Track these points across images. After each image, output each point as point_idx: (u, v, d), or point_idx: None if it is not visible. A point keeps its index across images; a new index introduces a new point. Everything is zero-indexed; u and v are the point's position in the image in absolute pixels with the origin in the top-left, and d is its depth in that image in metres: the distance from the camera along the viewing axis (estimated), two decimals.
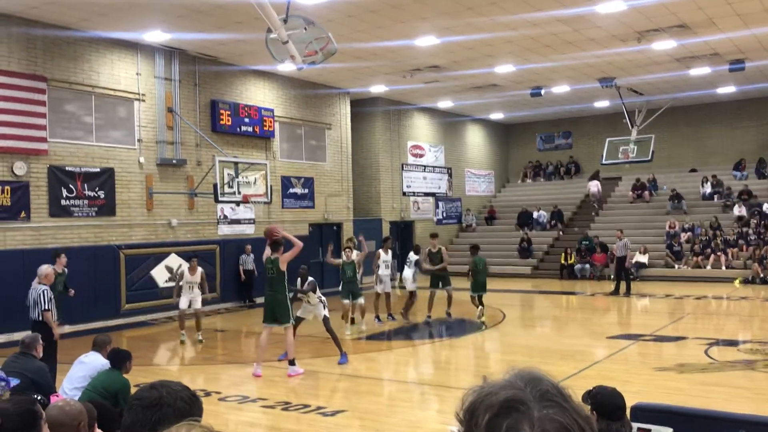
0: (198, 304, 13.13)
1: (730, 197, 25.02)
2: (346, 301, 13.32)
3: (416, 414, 8.36)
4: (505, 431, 1.05)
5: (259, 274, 18.19)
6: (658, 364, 10.20)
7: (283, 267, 9.98)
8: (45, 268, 9.50)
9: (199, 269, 13.08)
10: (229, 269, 18.48)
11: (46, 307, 9.11)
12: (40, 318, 9.14)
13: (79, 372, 6.65)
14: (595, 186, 27.37)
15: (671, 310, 16.66)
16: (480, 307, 14.51)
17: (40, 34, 14.56)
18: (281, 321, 10.08)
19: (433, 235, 15.45)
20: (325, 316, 10.99)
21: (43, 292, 9.17)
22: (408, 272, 15.26)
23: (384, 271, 14.53)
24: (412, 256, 15.49)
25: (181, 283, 13.20)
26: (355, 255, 13.49)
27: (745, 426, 4.79)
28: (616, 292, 18.92)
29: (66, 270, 12.63)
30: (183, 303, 13.00)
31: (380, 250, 14.74)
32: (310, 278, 11.27)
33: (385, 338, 13.57)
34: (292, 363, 10.16)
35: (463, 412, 1.12)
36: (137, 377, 7.75)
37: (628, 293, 18.74)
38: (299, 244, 10.10)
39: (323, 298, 11.21)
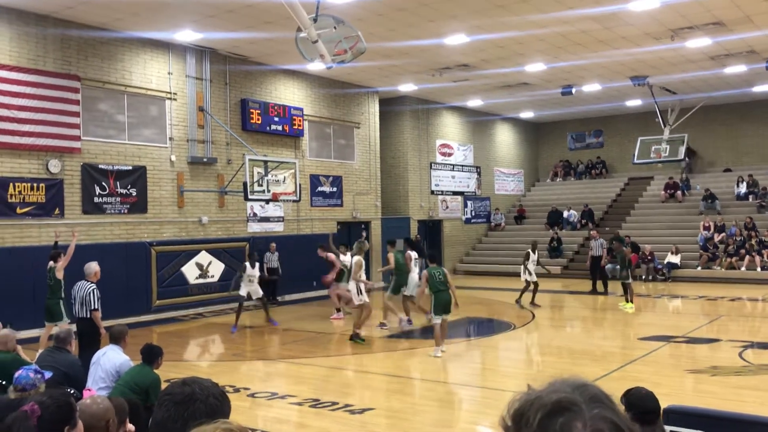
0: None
1: (766, 197, 24.54)
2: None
3: (444, 413, 8.34)
4: (558, 429, 1.07)
5: (284, 272, 18.28)
6: (690, 367, 10.05)
7: None
8: (93, 266, 9.55)
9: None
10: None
11: (95, 307, 9.19)
12: (88, 315, 9.23)
13: (99, 372, 6.73)
14: None
15: (705, 311, 16.40)
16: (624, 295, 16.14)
17: (75, 35, 14.80)
18: None
19: None
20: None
21: (92, 291, 9.24)
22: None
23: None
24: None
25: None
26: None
27: None
28: (593, 291, 19.25)
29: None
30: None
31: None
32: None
33: (413, 337, 13.56)
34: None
35: (510, 417, 1.14)
36: (167, 372, 7.84)
37: (605, 292, 19.03)
38: None
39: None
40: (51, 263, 11.06)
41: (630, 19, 15.48)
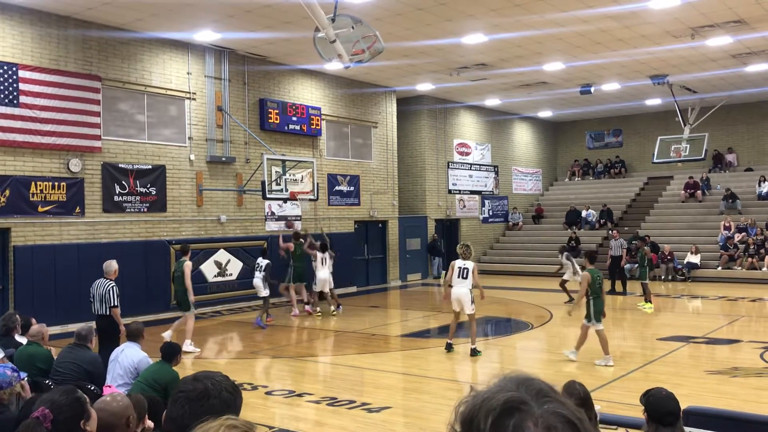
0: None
1: None
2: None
3: None
4: (512, 431, 1.05)
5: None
6: (710, 368, 9.95)
7: None
8: (112, 264, 9.73)
9: None
10: (276, 265, 18.62)
11: (115, 304, 9.35)
12: (108, 312, 9.36)
13: (118, 369, 6.80)
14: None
15: (725, 312, 16.24)
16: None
17: (96, 35, 14.95)
18: None
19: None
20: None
21: (112, 288, 9.39)
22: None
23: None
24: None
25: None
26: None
27: None
28: (612, 290, 19.07)
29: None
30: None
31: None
32: None
33: (430, 336, 13.55)
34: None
35: (459, 423, 1.12)
36: (186, 370, 7.91)
37: (624, 292, 19.03)
38: None
39: None
40: (183, 257, 11.98)
41: (650, 18, 15.36)
